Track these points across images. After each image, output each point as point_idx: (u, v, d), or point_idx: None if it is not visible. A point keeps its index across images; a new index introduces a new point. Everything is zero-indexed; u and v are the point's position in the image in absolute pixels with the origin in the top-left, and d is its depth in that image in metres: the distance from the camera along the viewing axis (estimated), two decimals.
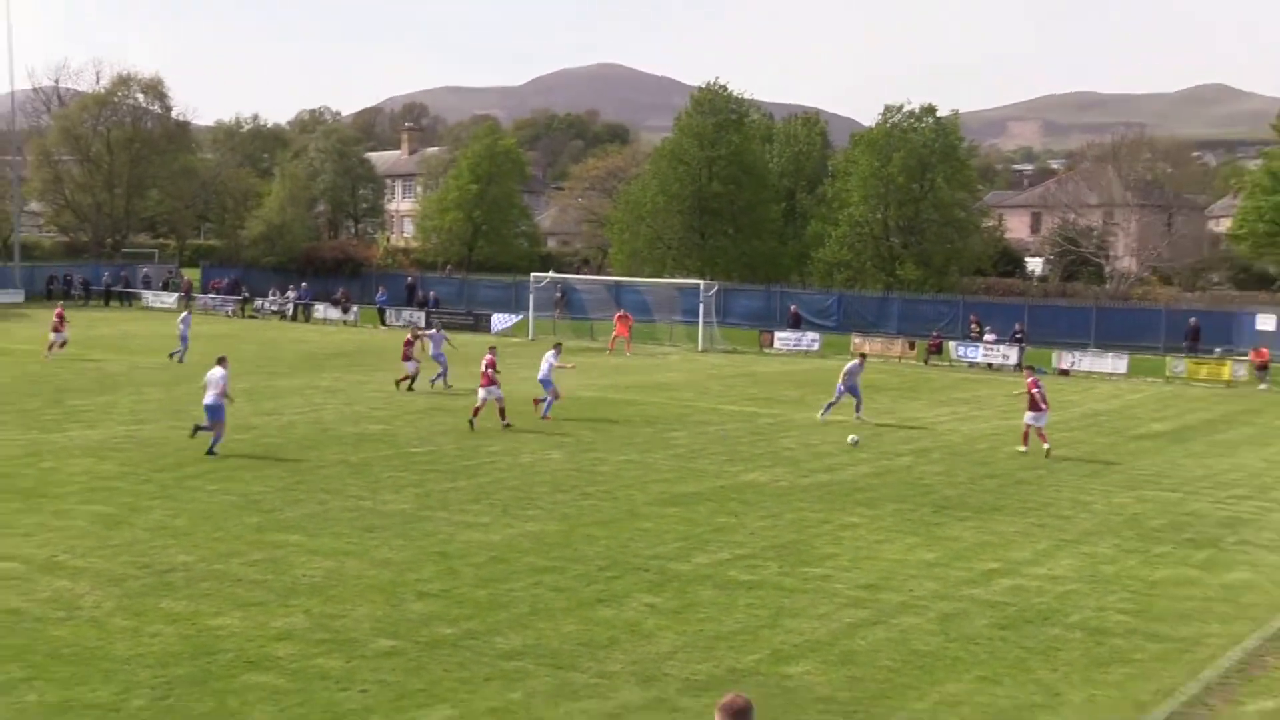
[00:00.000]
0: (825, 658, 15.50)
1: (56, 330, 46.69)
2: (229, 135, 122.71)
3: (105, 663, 14.60)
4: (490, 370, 32.53)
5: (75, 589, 17.48)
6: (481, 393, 32.46)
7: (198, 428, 28.16)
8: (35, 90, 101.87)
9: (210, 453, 27.13)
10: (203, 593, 17.40)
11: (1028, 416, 31.65)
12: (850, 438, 31.86)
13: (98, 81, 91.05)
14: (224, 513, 22.18)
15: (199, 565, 18.76)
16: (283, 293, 72.03)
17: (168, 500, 23.09)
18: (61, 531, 20.47)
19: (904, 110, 74.17)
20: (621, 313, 58.85)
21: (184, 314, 52.01)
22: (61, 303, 58.41)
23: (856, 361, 37.16)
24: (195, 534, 20.63)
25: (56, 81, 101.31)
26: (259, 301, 72.26)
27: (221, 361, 28.72)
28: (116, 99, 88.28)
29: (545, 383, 34.46)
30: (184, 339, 46.66)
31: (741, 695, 8.19)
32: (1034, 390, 31.47)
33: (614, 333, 56.60)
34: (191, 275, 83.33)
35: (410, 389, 39.11)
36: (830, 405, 35.80)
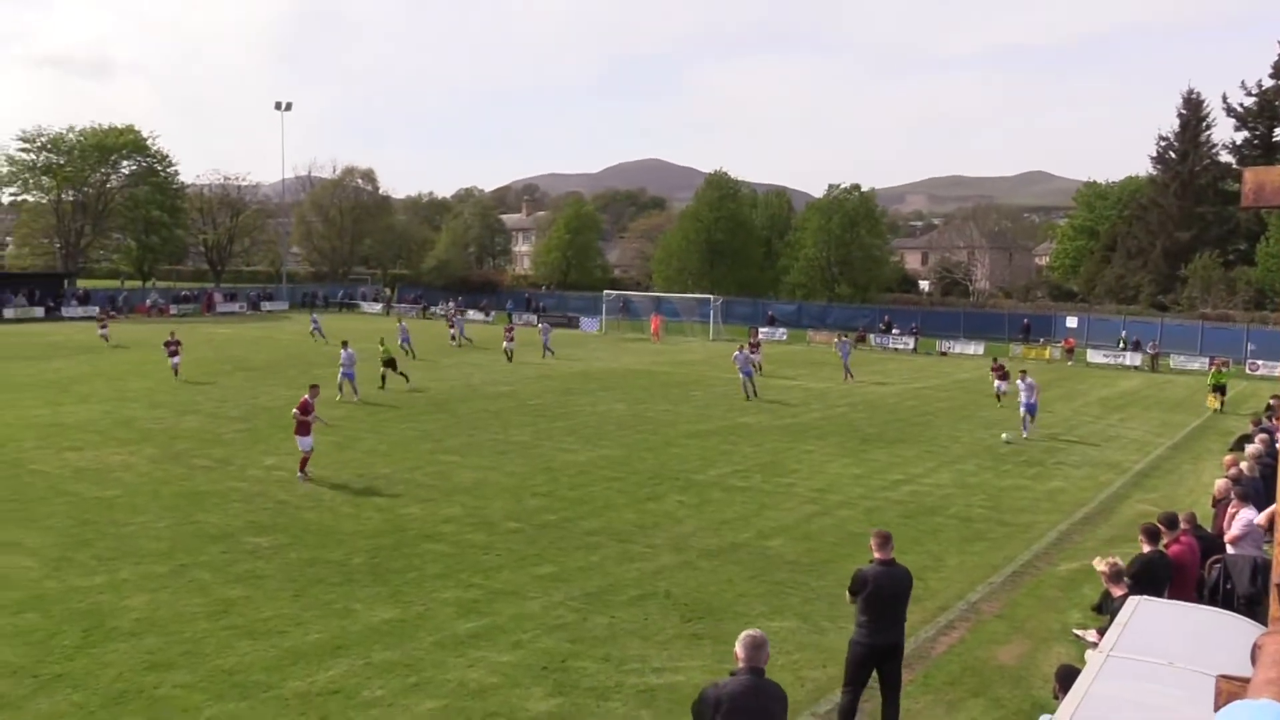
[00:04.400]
0: (791, 536, 15.32)
1: (509, 339, 40.94)
2: (414, 204, 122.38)
3: (337, 536, 14.65)
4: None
5: (318, 489, 17.55)
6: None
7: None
8: (296, 177, 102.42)
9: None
10: (397, 492, 17.42)
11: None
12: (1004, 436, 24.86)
13: (333, 171, 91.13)
14: (410, 441, 22.22)
15: (395, 474, 18.80)
16: (448, 303, 71.99)
17: (374, 434, 23.17)
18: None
19: (840, 187, 73.28)
20: (656, 313, 59.28)
21: (542, 325, 48.10)
22: (512, 321, 55.92)
23: (742, 352, 32.39)
24: (392, 455, 20.68)
25: (309, 172, 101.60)
26: (432, 308, 72.45)
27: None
28: (345, 182, 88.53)
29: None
30: (545, 343, 42.25)
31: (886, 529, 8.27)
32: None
33: (653, 327, 56.86)
34: (391, 293, 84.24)
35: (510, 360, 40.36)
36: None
